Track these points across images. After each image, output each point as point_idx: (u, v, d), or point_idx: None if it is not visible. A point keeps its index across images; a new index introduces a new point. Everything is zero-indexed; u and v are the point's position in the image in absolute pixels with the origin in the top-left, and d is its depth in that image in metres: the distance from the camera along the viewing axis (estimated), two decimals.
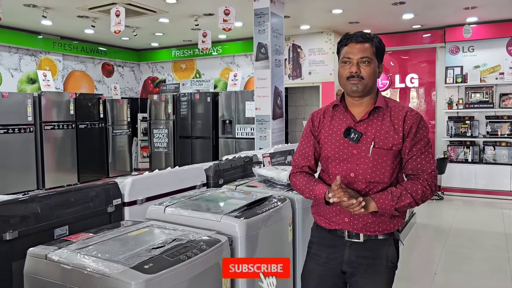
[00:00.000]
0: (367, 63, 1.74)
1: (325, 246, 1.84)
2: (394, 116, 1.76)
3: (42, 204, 2.00)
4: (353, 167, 1.75)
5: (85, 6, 6.12)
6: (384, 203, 1.68)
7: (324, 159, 1.85)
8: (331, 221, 1.81)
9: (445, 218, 6.11)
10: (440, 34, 7.71)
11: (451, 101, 7.60)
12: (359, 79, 1.73)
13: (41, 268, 1.62)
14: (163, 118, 8.82)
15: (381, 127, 1.75)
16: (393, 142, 1.73)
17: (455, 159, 7.49)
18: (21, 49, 7.98)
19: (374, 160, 1.73)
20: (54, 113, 7.38)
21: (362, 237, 1.76)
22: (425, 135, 1.78)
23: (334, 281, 1.82)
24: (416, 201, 1.71)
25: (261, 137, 5.84)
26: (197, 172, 3.01)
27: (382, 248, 1.77)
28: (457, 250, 4.71)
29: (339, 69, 1.80)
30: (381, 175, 1.74)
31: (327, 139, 1.83)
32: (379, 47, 1.79)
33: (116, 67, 10.03)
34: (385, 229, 1.76)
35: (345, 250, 1.78)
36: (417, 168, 1.74)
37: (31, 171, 7.08)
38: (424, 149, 1.75)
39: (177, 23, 7.29)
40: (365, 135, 1.75)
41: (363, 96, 1.78)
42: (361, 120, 1.78)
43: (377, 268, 1.76)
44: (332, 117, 1.85)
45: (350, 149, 1.76)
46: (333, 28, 7.78)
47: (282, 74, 6.01)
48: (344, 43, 1.79)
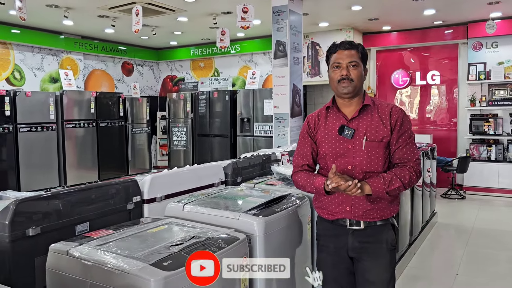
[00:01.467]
0: (355, 67, 1.97)
1: (330, 236, 2.02)
2: (381, 112, 1.99)
3: (64, 201, 2.04)
4: (350, 160, 1.96)
5: (105, 5, 6.20)
6: (378, 186, 1.87)
7: (323, 156, 2.04)
8: (334, 212, 1.99)
9: (467, 218, 5.98)
10: (463, 30, 7.55)
11: (473, 98, 7.44)
12: (349, 81, 1.96)
13: (62, 263, 1.65)
14: (181, 117, 8.88)
15: (371, 122, 1.97)
16: (382, 135, 1.95)
17: (477, 157, 7.32)
18: (43, 49, 8.15)
19: (368, 152, 1.94)
20: (76, 111, 7.50)
21: (362, 224, 1.95)
22: (408, 127, 2.00)
23: (346, 267, 2.00)
24: (405, 185, 1.92)
25: (279, 135, 5.83)
26: (216, 170, 3.02)
27: (382, 233, 1.98)
28: (479, 250, 4.61)
29: (330, 74, 2.03)
30: (375, 165, 1.95)
31: (324, 138, 2.03)
32: (363, 53, 2.02)
33: (135, 66, 10.15)
34: (382, 216, 1.96)
35: (348, 237, 1.97)
36: (404, 157, 1.96)
37: (53, 169, 7.22)
38: (409, 140, 1.98)
39: (196, 21, 7.33)
40: (358, 131, 1.96)
41: (353, 96, 2.00)
42: (353, 118, 1.99)
43: (379, 251, 1.96)
44: (326, 118, 2.06)
45: (346, 144, 1.97)
46: (352, 25, 7.69)
47: (300, 72, 5.98)
48: (333, 51, 2.01)
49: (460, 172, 7.00)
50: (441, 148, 7.24)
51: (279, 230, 2.09)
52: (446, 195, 7.14)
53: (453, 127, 7.93)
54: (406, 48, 8.21)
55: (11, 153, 6.62)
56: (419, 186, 4.60)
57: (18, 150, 6.70)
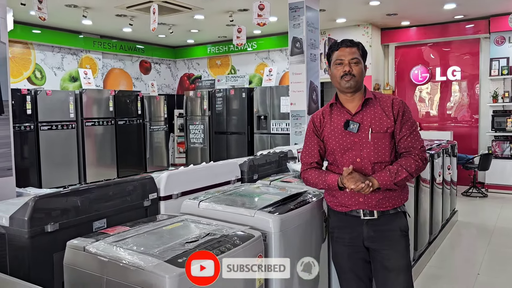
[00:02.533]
0: (356, 63, 2.06)
1: (345, 227, 2.09)
2: (383, 104, 2.08)
3: (82, 198, 2.06)
4: (358, 153, 2.04)
5: (123, 5, 6.26)
6: (384, 179, 1.97)
7: (331, 152, 2.11)
8: (347, 204, 2.06)
9: (489, 216, 5.84)
10: (484, 24, 7.37)
11: (496, 94, 7.26)
12: (351, 77, 2.04)
13: (79, 259, 1.66)
14: (199, 114, 8.91)
15: (374, 114, 2.06)
16: (387, 126, 2.04)
17: (500, 155, 7.15)
18: (63, 48, 8.28)
19: (375, 144, 2.02)
20: (95, 109, 7.61)
21: (376, 214, 2.03)
22: (410, 117, 2.09)
23: (363, 256, 2.08)
24: (411, 174, 2.00)
25: (296, 133, 5.79)
26: (232, 167, 3.02)
27: (395, 220, 2.06)
28: (502, 250, 4.50)
29: (332, 70, 2.11)
30: (382, 155, 2.03)
31: (331, 134, 2.10)
32: (363, 50, 2.12)
33: (153, 64, 10.23)
34: (394, 204, 2.05)
35: (363, 227, 2.04)
36: (409, 146, 2.04)
37: (73, 166, 7.34)
38: (412, 129, 2.06)
39: (212, 19, 7.34)
40: (363, 124, 2.05)
41: (355, 91, 2.09)
42: (357, 113, 2.07)
43: (394, 238, 2.04)
44: (330, 115, 2.14)
45: (352, 138, 2.05)
46: (370, 21, 7.59)
47: (317, 68, 5.93)
48: (335, 48, 2.10)
49: (482, 170, 6.85)
50: (462, 145, 7.09)
51: (295, 228, 2.07)
52: (467, 193, 7.00)
53: (475, 123, 7.76)
54: (426, 43, 8.07)
55: (33, 150, 6.76)
56: (439, 184, 4.51)
57: (39, 148, 6.83)
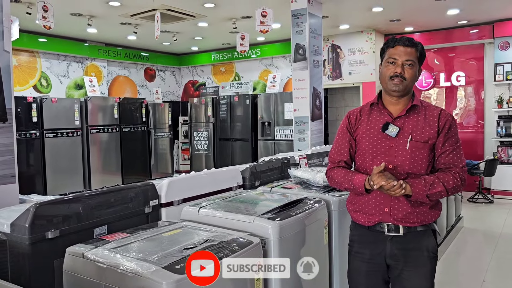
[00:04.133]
0: (411, 66, 1.87)
1: (367, 242, 1.91)
2: (428, 114, 1.90)
3: (84, 204, 2.07)
4: (391, 160, 1.86)
5: (127, 13, 6.32)
6: (418, 187, 1.77)
7: (361, 153, 1.94)
8: (371, 213, 1.88)
9: (495, 223, 5.79)
10: (489, 30, 7.35)
11: (501, 99, 7.22)
12: (401, 80, 1.86)
13: (78, 266, 1.67)
14: (203, 121, 8.94)
15: (417, 122, 1.88)
16: (429, 136, 1.86)
17: (506, 160, 7.10)
18: (68, 56, 8.36)
19: (412, 153, 1.84)
20: (100, 117, 7.66)
21: (402, 230, 1.84)
22: (456, 132, 1.91)
23: (382, 275, 1.90)
24: (448, 190, 1.81)
25: (299, 139, 5.79)
26: (234, 173, 3.02)
27: (422, 239, 1.86)
28: (508, 256, 4.45)
29: (382, 68, 1.93)
30: (418, 167, 1.85)
31: (365, 134, 1.93)
32: (422, 53, 1.92)
33: (157, 71, 10.29)
34: (423, 220, 1.85)
35: (387, 244, 1.86)
36: (449, 163, 1.85)
37: (78, 173, 7.38)
38: (456, 146, 1.87)
39: (216, 27, 7.38)
40: (403, 130, 1.87)
41: (402, 96, 1.91)
42: (399, 117, 1.90)
43: (420, 259, 1.84)
44: (369, 115, 1.97)
45: (388, 142, 1.88)
46: (373, 27, 7.60)
47: (320, 75, 5.94)
48: (391, 45, 1.91)
49: (488, 176, 6.79)
50: (468, 151, 7.05)
51: (295, 234, 2.06)
52: (473, 199, 6.94)
53: (480, 129, 7.71)
54: (430, 49, 8.05)
55: (38, 158, 6.81)
56: None
57: (45, 155, 6.88)
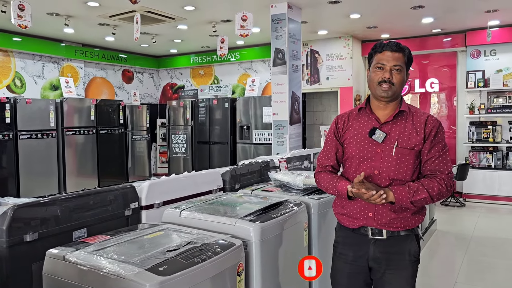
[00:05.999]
0: (398, 71, 1.89)
1: (351, 244, 1.94)
2: (416, 120, 1.91)
3: (62, 207, 2.05)
4: (377, 165, 1.88)
5: (106, 14, 6.25)
6: (401, 194, 1.79)
7: (349, 158, 1.96)
8: (355, 217, 1.91)
9: (467, 226, 5.97)
10: (461, 38, 7.59)
11: (472, 106, 7.46)
12: (390, 85, 1.88)
13: (59, 269, 1.65)
14: (181, 124, 8.91)
15: (404, 129, 1.89)
16: (415, 143, 1.87)
17: (477, 165, 7.33)
18: (44, 56, 8.19)
19: (398, 159, 1.86)
20: (76, 119, 7.53)
21: (385, 234, 1.86)
22: (443, 138, 1.92)
23: (364, 278, 1.93)
24: (432, 197, 1.81)
25: (278, 142, 5.84)
26: (214, 176, 3.03)
27: (405, 243, 1.89)
28: (479, 258, 4.59)
29: (371, 74, 1.94)
30: (403, 173, 1.86)
31: (352, 139, 1.95)
32: (409, 57, 1.95)
33: (136, 73, 10.19)
34: (406, 225, 1.88)
35: (370, 247, 1.88)
36: (435, 169, 1.86)
37: (53, 176, 7.23)
38: (442, 152, 1.88)
39: (195, 29, 7.38)
40: (389, 136, 1.89)
41: (391, 101, 1.93)
42: (386, 122, 1.92)
43: (402, 263, 1.88)
44: (357, 119, 1.99)
45: (374, 148, 1.89)
46: (351, 33, 7.74)
47: (299, 79, 6.01)
48: (379, 51, 1.92)
49: (460, 180, 6.99)
50: None
51: (276, 236, 2.09)
52: (445, 203, 7.13)
53: (452, 134, 7.94)
54: None
55: (11, 160, 6.64)
56: None
57: (18, 157, 6.72)
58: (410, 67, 1.99)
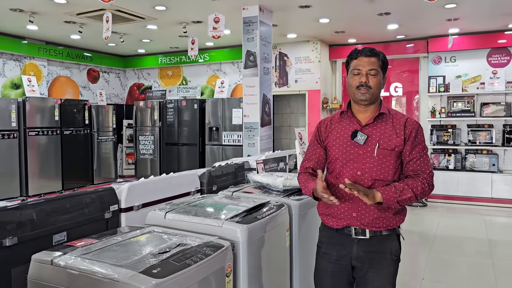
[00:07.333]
0: (374, 75, 1.96)
1: (334, 244, 2.00)
2: (395, 122, 1.99)
3: (37, 211, 1.99)
4: (360, 166, 1.95)
5: (73, 11, 6.07)
6: (389, 194, 1.86)
7: (332, 160, 2.02)
8: (339, 218, 1.97)
9: (430, 225, 6.22)
10: (423, 45, 7.91)
11: (434, 109, 7.78)
12: (367, 89, 1.95)
13: (46, 273, 1.61)
14: (149, 125, 8.77)
15: (385, 130, 1.97)
16: (395, 144, 1.94)
17: (438, 166, 7.65)
18: (5, 53, 7.86)
19: (379, 159, 1.93)
20: (39, 119, 7.28)
21: (368, 234, 1.93)
22: (422, 140, 2.00)
23: (347, 277, 1.99)
24: (416, 196, 1.91)
25: (249, 144, 5.88)
26: (192, 178, 3.03)
27: (387, 243, 1.97)
28: (442, 256, 4.80)
29: (349, 79, 2.03)
30: (385, 173, 1.94)
31: (335, 142, 2.02)
32: (384, 61, 2.01)
33: (101, 73, 9.95)
34: (388, 225, 1.95)
35: (353, 246, 1.95)
36: (417, 170, 1.95)
37: (14, 178, 6.95)
38: (422, 152, 1.97)
39: (165, 30, 7.30)
40: (371, 138, 1.96)
41: (370, 104, 2.00)
42: (367, 125, 1.98)
43: (383, 262, 1.95)
44: (339, 123, 2.06)
45: (356, 150, 1.96)
46: (319, 37, 7.90)
47: (270, 82, 6.08)
48: (354, 57, 2.00)
49: None
50: None
51: (261, 237, 2.12)
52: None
53: None
54: None
55: None
56: None
57: None
58: (386, 71, 2.05)
